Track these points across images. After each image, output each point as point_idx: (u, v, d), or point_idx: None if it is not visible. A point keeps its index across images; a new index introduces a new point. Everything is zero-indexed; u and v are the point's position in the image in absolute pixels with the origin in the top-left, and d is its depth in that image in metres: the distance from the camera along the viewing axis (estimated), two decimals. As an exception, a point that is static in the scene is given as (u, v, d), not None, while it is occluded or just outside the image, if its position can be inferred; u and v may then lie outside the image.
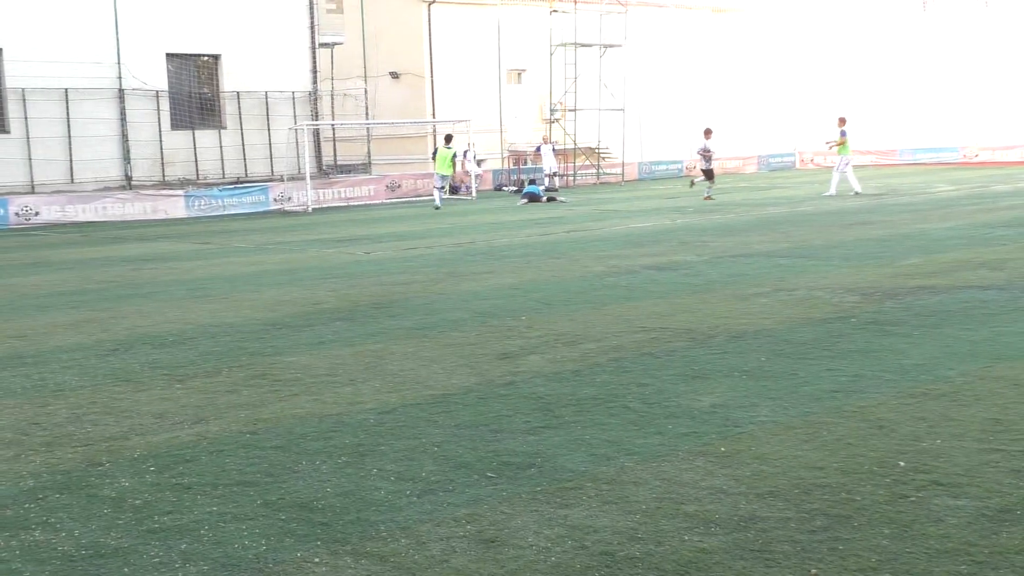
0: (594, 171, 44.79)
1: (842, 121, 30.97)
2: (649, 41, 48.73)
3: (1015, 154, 47.75)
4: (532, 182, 36.02)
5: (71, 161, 32.40)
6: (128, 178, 33.37)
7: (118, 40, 32.57)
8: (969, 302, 11.04)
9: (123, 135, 33.24)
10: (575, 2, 42.27)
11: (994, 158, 48.31)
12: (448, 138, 34.15)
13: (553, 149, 40.79)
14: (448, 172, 33.34)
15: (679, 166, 48.88)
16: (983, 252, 15.31)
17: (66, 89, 31.91)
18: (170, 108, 34.29)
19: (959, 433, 6.41)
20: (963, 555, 4.61)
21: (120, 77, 32.84)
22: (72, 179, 32.41)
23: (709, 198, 30.55)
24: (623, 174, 44.66)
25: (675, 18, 50.59)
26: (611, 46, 44.05)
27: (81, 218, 30.64)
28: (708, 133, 31.93)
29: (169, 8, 33.53)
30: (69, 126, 32.20)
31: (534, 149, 42.09)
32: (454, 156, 33.66)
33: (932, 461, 5.88)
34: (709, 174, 31.61)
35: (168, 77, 34.23)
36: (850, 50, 54.97)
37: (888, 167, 48.83)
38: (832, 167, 33.25)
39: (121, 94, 32.98)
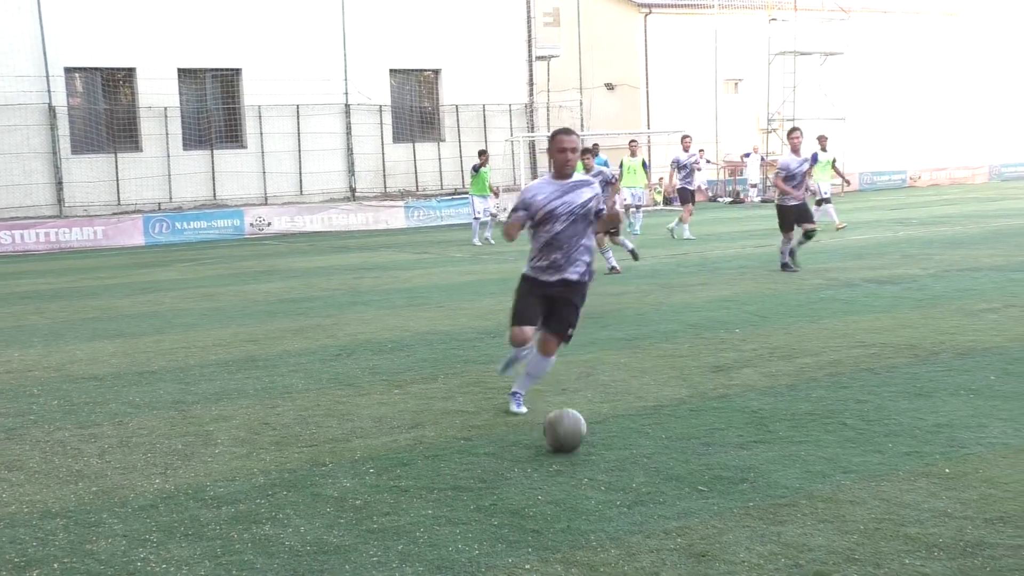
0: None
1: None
2: (873, 48, 47.13)
3: None
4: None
5: (300, 174, 33.99)
6: (352, 190, 34.75)
7: (345, 57, 34.00)
8: None
9: (348, 148, 34.63)
10: (795, 9, 41.35)
11: None
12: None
13: (761, 160, 39.89)
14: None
15: (902, 176, 47.04)
16: None
17: (297, 105, 33.52)
18: (392, 122, 35.53)
19: None
20: None
21: (346, 93, 34.27)
22: (301, 191, 34.01)
23: None
24: (843, 185, 43.27)
25: (901, 23, 48.76)
26: (832, 54, 42.85)
27: (308, 228, 32.16)
28: None
29: (393, 26, 34.75)
30: (299, 140, 33.81)
31: (743, 155, 41.25)
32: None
33: None
34: None
35: (391, 92, 35.48)
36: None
37: None
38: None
39: (347, 109, 34.39)
